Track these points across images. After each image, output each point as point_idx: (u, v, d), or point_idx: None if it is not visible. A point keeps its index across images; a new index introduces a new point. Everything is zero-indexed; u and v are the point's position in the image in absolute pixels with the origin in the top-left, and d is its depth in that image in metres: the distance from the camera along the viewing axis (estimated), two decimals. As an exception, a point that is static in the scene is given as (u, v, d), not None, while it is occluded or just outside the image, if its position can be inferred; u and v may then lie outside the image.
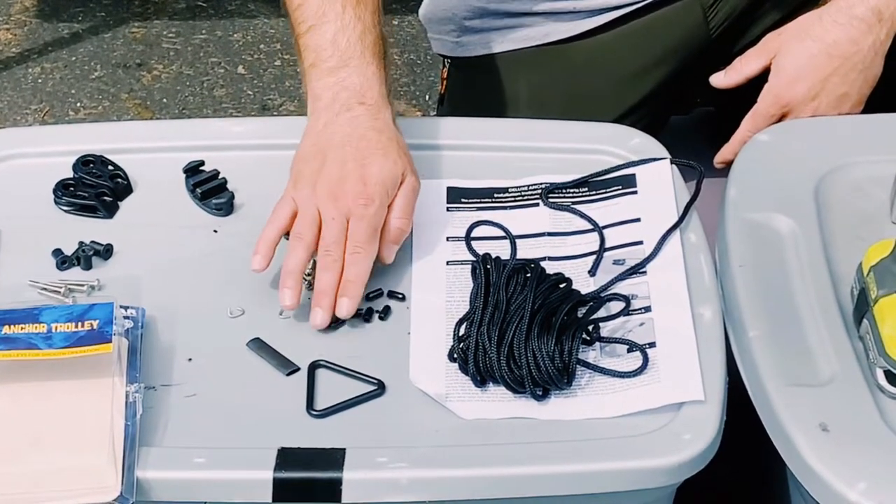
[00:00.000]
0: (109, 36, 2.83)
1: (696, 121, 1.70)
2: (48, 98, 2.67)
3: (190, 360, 1.16)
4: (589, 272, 1.23)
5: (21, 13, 2.88)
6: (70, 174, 1.33)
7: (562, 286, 1.19)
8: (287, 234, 1.22)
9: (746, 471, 1.31)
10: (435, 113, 2.49)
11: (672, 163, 1.33)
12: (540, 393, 1.12)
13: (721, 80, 1.47)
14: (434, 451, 1.08)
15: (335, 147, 1.24)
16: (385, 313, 1.20)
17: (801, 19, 1.43)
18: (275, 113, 2.60)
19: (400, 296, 1.22)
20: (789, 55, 1.42)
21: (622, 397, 1.12)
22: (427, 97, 2.66)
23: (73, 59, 2.77)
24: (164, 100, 2.65)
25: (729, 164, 1.37)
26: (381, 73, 1.29)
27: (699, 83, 1.54)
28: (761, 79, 1.45)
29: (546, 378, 1.11)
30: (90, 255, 1.25)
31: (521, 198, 1.32)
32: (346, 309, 1.18)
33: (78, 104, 2.65)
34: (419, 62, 2.74)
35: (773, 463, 1.11)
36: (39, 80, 2.72)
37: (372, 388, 1.13)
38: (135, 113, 2.62)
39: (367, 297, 1.22)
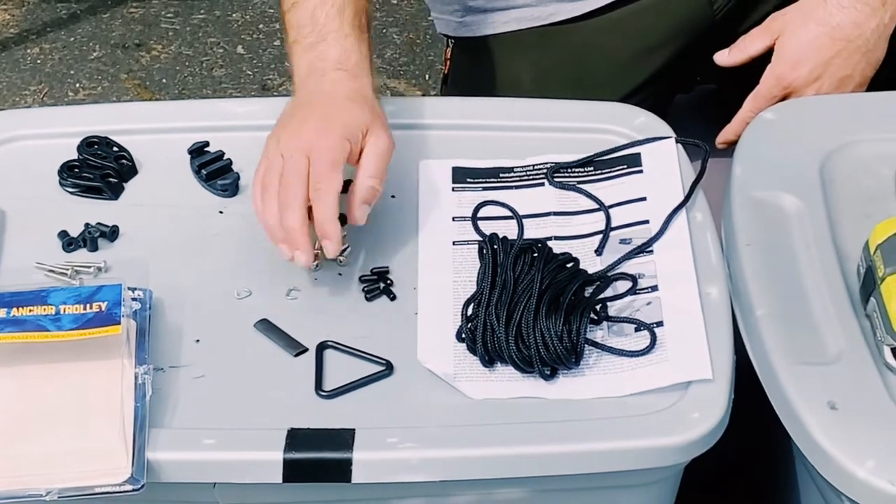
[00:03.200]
0: (108, 16, 2.82)
1: (698, 99, 1.69)
2: (47, 79, 2.66)
3: (198, 341, 1.16)
4: (595, 251, 1.23)
5: (19, -6, 2.88)
6: (75, 155, 1.33)
7: (569, 266, 1.19)
8: None
9: (754, 449, 1.31)
10: (435, 92, 2.49)
11: (677, 142, 1.33)
12: (548, 372, 1.12)
13: (725, 58, 1.48)
14: (443, 431, 1.09)
15: (306, 104, 1.24)
16: (392, 294, 1.20)
17: (805, 1, 1.43)
18: (275, 93, 2.59)
19: (389, 281, 1.22)
20: (792, 37, 1.42)
21: (630, 376, 1.12)
22: (427, 76, 2.65)
23: (72, 39, 2.76)
24: (164, 80, 2.65)
25: (731, 144, 1.37)
26: (361, 44, 1.28)
27: (703, 63, 1.54)
28: (765, 58, 1.45)
29: (554, 357, 1.12)
30: (96, 236, 1.25)
31: (526, 177, 1.32)
32: (329, 250, 1.18)
33: (77, 85, 2.65)
34: (419, 41, 2.74)
35: (781, 441, 1.12)
36: (38, 61, 2.71)
37: (380, 368, 1.14)
38: (134, 93, 2.61)
39: (374, 278, 1.22)
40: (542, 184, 1.31)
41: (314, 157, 1.18)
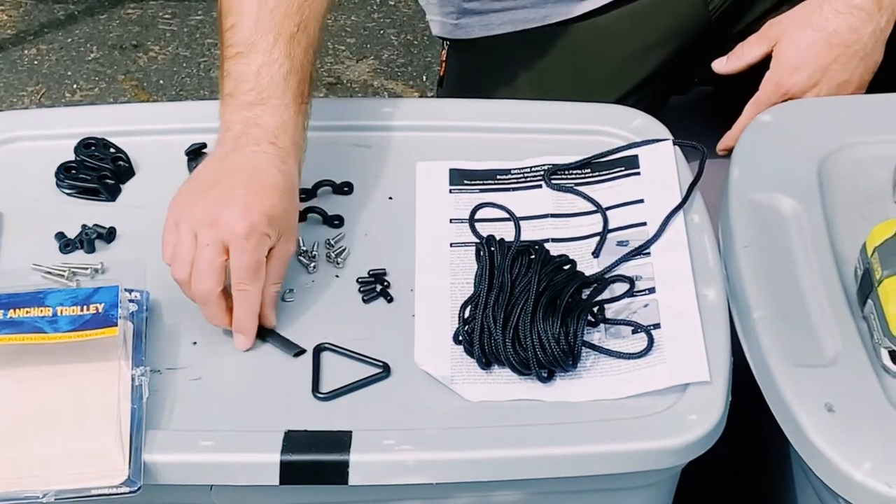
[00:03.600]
0: (105, 17, 2.82)
1: (695, 101, 1.70)
2: (44, 80, 2.66)
3: (195, 343, 1.16)
4: (593, 254, 1.23)
5: (16, -6, 2.88)
6: (72, 157, 1.33)
7: (566, 268, 1.19)
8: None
9: (751, 451, 1.31)
10: (433, 94, 2.49)
11: (674, 143, 1.33)
12: (545, 375, 1.12)
13: (723, 66, 1.48)
14: (440, 434, 1.08)
15: (229, 172, 1.16)
16: (389, 296, 1.20)
17: (802, 7, 1.43)
18: (272, 94, 2.59)
19: (386, 282, 1.21)
20: (790, 44, 1.42)
21: (627, 379, 1.12)
22: (424, 78, 2.65)
23: (69, 40, 2.76)
24: (161, 81, 2.64)
25: (731, 151, 1.37)
26: (299, 117, 1.21)
27: (699, 64, 1.54)
28: (762, 61, 1.45)
29: (551, 360, 1.12)
30: (93, 238, 1.25)
31: (523, 179, 1.32)
32: (242, 344, 1.15)
33: (74, 86, 2.65)
34: (416, 43, 2.74)
35: (778, 443, 1.12)
36: (35, 62, 2.71)
37: (377, 370, 1.13)
38: (131, 94, 2.61)
39: (371, 279, 1.22)
40: (540, 186, 1.31)
41: (237, 253, 1.12)
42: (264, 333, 1.16)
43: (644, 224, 1.25)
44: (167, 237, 1.15)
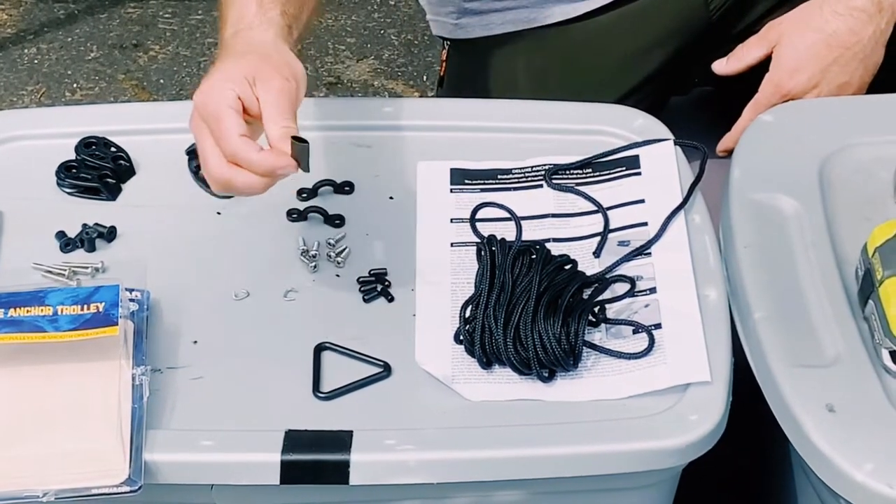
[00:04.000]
0: (105, 17, 2.82)
1: (695, 101, 1.70)
2: (44, 79, 2.66)
3: (195, 342, 1.16)
4: (594, 253, 1.23)
5: (16, -6, 2.88)
6: (72, 156, 1.33)
7: (567, 268, 1.19)
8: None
9: (752, 452, 1.31)
10: (433, 94, 2.49)
11: (675, 143, 1.33)
12: (546, 375, 1.12)
13: (723, 67, 1.48)
14: (441, 433, 1.08)
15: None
16: (389, 295, 1.20)
17: (802, 9, 1.43)
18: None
19: (387, 282, 1.21)
20: (790, 45, 1.42)
21: (628, 378, 1.12)
22: (425, 77, 2.65)
23: (69, 39, 2.76)
24: (161, 80, 2.64)
25: (731, 152, 1.37)
26: (283, 35, 1.20)
27: (699, 64, 1.54)
28: (762, 62, 1.45)
29: (552, 360, 1.12)
30: (94, 237, 1.25)
31: (524, 179, 1.32)
32: (281, 165, 1.11)
33: (74, 85, 2.65)
34: (416, 42, 2.74)
35: (779, 444, 1.12)
36: (35, 61, 2.71)
37: (378, 370, 1.13)
38: (132, 94, 2.61)
39: (371, 279, 1.22)
40: (541, 185, 1.30)
41: (207, 120, 1.13)
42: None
43: (645, 224, 1.25)
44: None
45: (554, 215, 1.28)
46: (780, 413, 1.09)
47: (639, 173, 1.31)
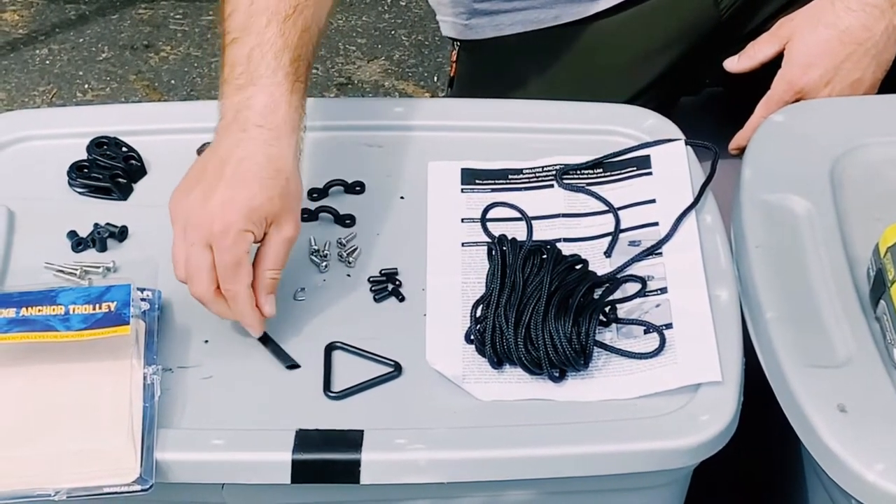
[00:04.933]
0: (116, 17, 2.82)
1: (705, 101, 1.69)
2: (56, 80, 2.67)
3: (206, 342, 1.16)
4: (605, 253, 1.23)
5: (28, -5, 2.89)
6: (84, 156, 1.33)
7: (578, 267, 1.19)
8: None
9: (763, 452, 1.31)
10: (443, 95, 2.49)
11: (686, 143, 1.33)
12: (557, 374, 1.12)
13: (734, 64, 1.48)
14: (452, 433, 1.08)
15: (216, 165, 1.14)
16: (400, 295, 1.20)
17: (814, 5, 1.43)
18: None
19: (398, 282, 1.21)
20: (802, 42, 1.42)
21: (639, 378, 1.12)
22: (435, 78, 2.65)
23: (81, 40, 2.77)
24: (172, 81, 2.65)
25: (743, 150, 1.37)
26: (293, 96, 1.17)
27: (709, 64, 1.54)
28: (773, 61, 1.45)
29: (563, 359, 1.11)
30: (105, 237, 1.25)
31: (535, 179, 1.32)
32: (253, 333, 1.15)
33: (86, 86, 2.65)
34: (427, 43, 2.74)
35: (790, 444, 1.12)
36: (47, 62, 2.71)
37: (389, 369, 1.13)
38: (143, 94, 2.61)
39: (382, 279, 1.22)
40: (551, 185, 1.30)
41: (217, 252, 1.11)
42: (266, 339, 1.16)
43: (656, 224, 1.25)
44: (173, 235, 1.15)
45: (565, 215, 1.28)
46: (791, 413, 1.09)
47: (650, 173, 1.30)
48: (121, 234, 1.26)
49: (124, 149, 1.34)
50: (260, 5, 1.20)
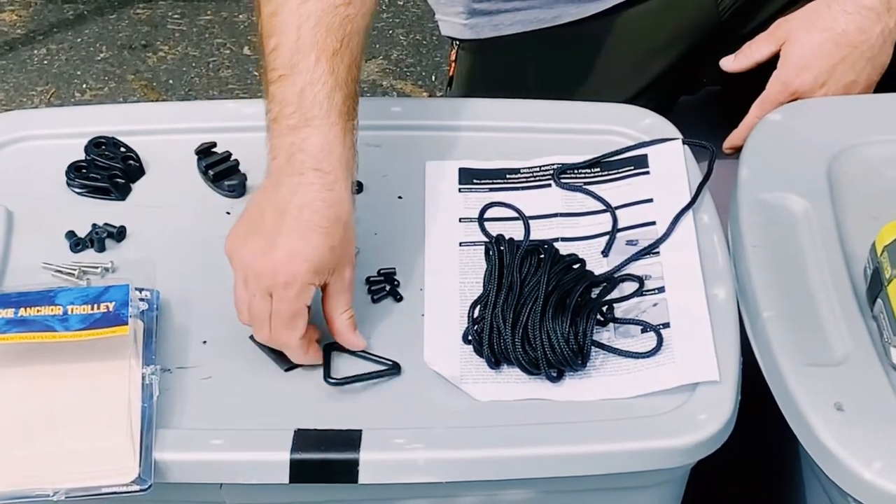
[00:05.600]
0: (114, 17, 2.83)
1: (703, 101, 1.70)
2: (54, 80, 2.67)
3: (205, 342, 1.17)
4: (602, 253, 1.23)
5: (26, -6, 2.89)
6: (82, 156, 1.33)
7: (575, 267, 1.19)
8: None
9: (760, 451, 1.31)
10: (442, 94, 2.49)
11: (684, 143, 1.33)
12: (554, 374, 1.12)
13: (731, 64, 1.48)
14: (450, 433, 1.09)
15: (275, 213, 1.13)
16: (398, 295, 1.20)
17: (810, 7, 1.43)
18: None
19: (396, 282, 1.21)
20: (798, 43, 1.42)
21: (637, 378, 1.12)
22: (433, 77, 2.65)
23: (79, 40, 2.77)
24: (170, 81, 2.65)
25: (738, 149, 1.37)
26: (346, 136, 1.17)
27: (708, 64, 1.54)
28: (771, 61, 1.45)
29: (561, 359, 1.12)
30: (103, 237, 1.25)
31: (533, 178, 1.32)
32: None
33: (84, 86, 2.65)
34: (425, 42, 2.74)
35: (788, 443, 1.12)
36: (45, 62, 2.71)
37: (387, 369, 1.13)
38: (141, 94, 2.62)
39: (380, 279, 1.22)
40: (549, 185, 1.31)
41: (276, 302, 1.12)
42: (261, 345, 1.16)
43: (653, 223, 1.25)
44: (234, 280, 1.15)
45: (562, 215, 1.28)
46: (788, 412, 1.09)
47: (647, 172, 1.31)
48: (119, 234, 1.26)
49: (122, 149, 1.34)
50: (306, 41, 1.17)
